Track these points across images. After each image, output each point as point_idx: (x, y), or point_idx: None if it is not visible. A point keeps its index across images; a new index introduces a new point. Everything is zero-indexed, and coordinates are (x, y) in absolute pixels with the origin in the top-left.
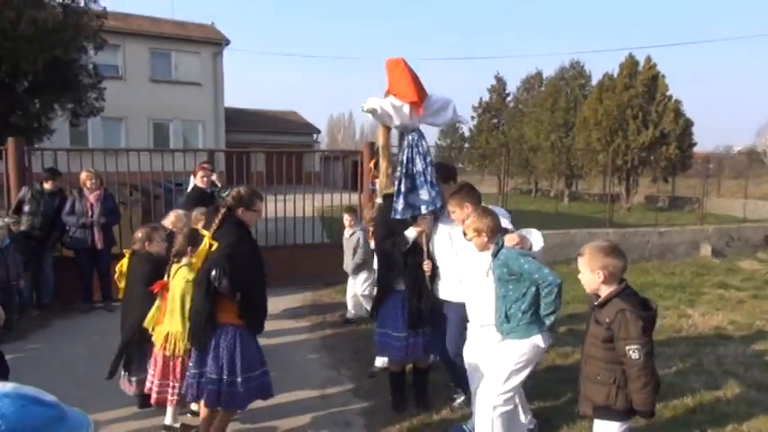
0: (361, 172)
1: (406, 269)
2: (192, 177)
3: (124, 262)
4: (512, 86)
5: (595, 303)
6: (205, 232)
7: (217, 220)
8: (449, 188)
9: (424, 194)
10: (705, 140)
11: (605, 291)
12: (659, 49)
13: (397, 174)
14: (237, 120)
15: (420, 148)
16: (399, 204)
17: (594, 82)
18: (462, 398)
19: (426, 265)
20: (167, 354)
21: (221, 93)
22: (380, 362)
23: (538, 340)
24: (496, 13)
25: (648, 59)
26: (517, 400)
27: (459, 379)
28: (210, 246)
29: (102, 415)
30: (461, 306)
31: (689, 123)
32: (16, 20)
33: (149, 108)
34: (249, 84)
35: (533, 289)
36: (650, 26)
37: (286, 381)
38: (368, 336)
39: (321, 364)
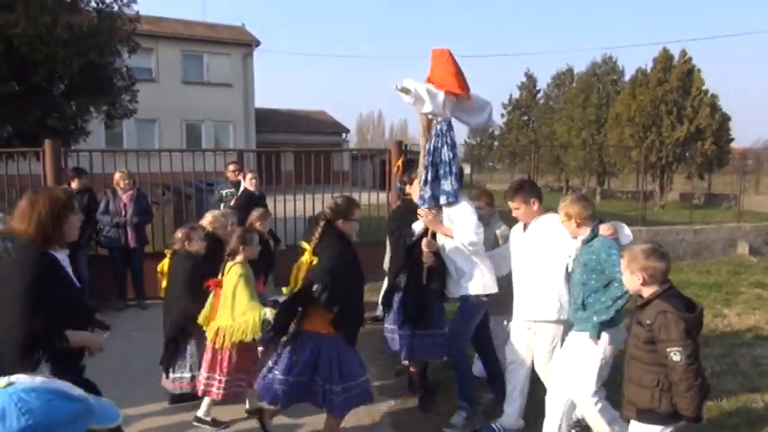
0: (389, 171)
1: (408, 263)
2: (240, 179)
3: (165, 262)
4: (542, 83)
5: (638, 305)
6: (306, 245)
7: (317, 233)
8: None
9: (446, 185)
10: (745, 135)
11: (647, 292)
12: (695, 44)
13: (424, 162)
14: (268, 120)
15: (447, 138)
16: (426, 192)
17: (627, 77)
18: (464, 414)
19: (426, 258)
20: (216, 347)
21: (252, 93)
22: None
23: (605, 337)
24: (527, 7)
25: (684, 53)
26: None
27: (466, 389)
28: (311, 261)
29: (134, 410)
30: (483, 304)
31: (726, 118)
32: (52, 24)
33: (181, 109)
34: (279, 84)
35: (616, 283)
36: (686, 19)
37: None
38: None
39: None
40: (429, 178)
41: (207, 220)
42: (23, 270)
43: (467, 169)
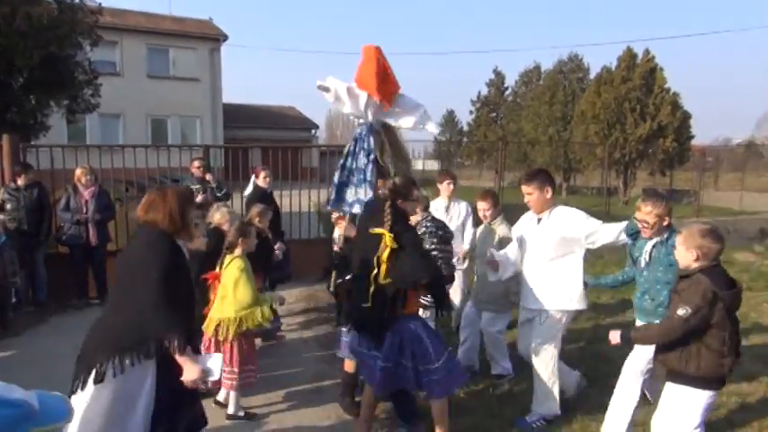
0: None
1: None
2: (252, 177)
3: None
4: (510, 80)
5: (679, 275)
6: (382, 231)
7: (388, 216)
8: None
9: (360, 193)
10: (705, 133)
11: (695, 267)
12: (658, 43)
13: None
14: (236, 115)
15: (365, 144)
16: (332, 195)
17: (593, 75)
18: None
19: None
20: (220, 339)
21: (219, 88)
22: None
23: None
24: (496, 5)
25: (647, 52)
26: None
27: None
28: (392, 247)
29: None
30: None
31: (687, 116)
32: (11, 15)
33: (147, 104)
34: (248, 79)
35: None
36: (650, 19)
37: (280, 376)
38: None
39: (315, 358)
40: (337, 181)
41: (215, 217)
42: (160, 258)
43: (435, 165)
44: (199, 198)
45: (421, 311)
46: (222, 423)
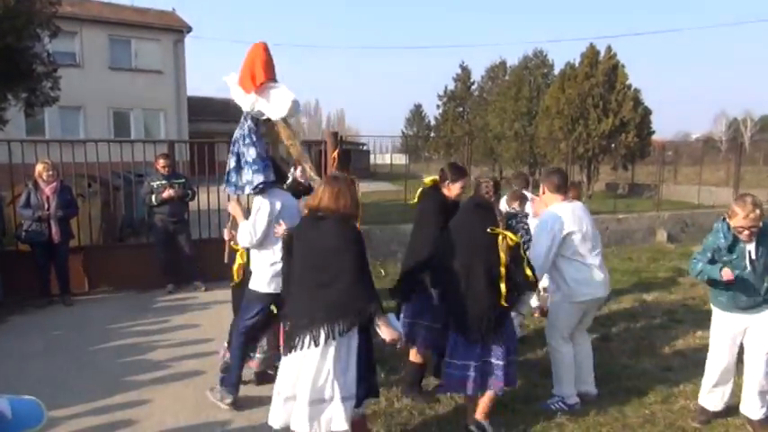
0: (326, 161)
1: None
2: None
3: (243, 251)
4: (476, 75)
5: None
6: (502, 231)
7: (501, 216)
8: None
9: (248, 176)
10: (666, 128)
11: None
12: (620, 40)
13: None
14: (201, 109)
15: (245, 130)
16: (231, 177)
17: (557, 71)
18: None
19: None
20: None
21: (183, 81)
22: None
23: None
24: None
25: (609, 49)
26: None
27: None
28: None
29: (60, 412)
30: None
31: (647, 112)
32: None
33: (109, 97)
34: (214, 72)
35: None
36: (612, 16)
37: (246, 373)
38: None
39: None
40: (231, 166)
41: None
42: (357, 241)
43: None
44: (165, 194)
45: None
46: None
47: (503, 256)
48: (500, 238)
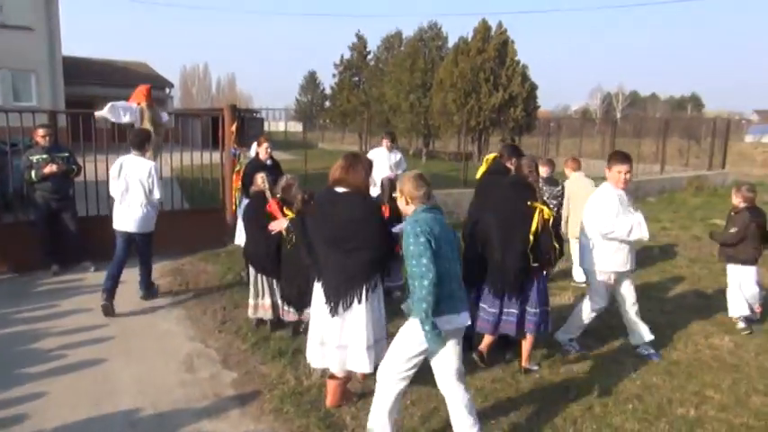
0: (223, 132)
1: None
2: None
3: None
4: (373, 45)
5: None
6: (539, 205)
7: (538, 194)
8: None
9: None
10: (547, 101)
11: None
12: (509, 17)
13: None
14: (78, 71)
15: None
16: None
17: (451, 45)
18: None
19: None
20: None
21: (58, 39)
22: None
23: None
24: None
25: (500, 25)
26: None
27: None
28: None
29: None
30: None
31: (534, 87)
32: None
33: None
34: (92, 31)
35: None
36: None
37: (149, 357)
38: (238, 302)
39: (186, 336)
40: None
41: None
42: (378, 210)
43: (298, 127)
44: (47, 169)
45: None
46: None
47: (535, 226)
48: (537, 211)
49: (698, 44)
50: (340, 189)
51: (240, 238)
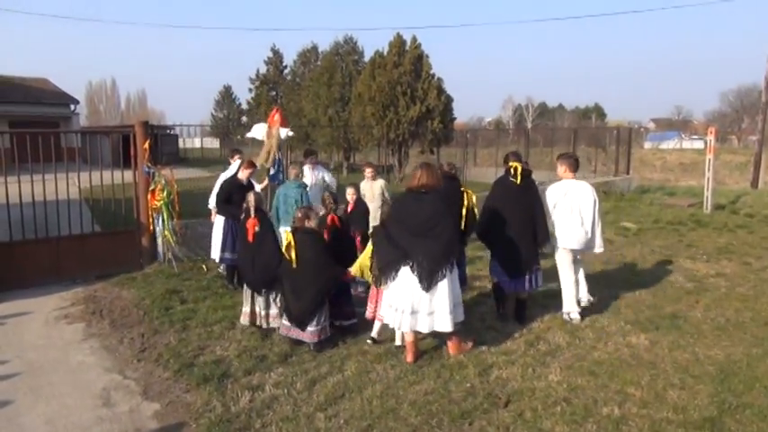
0: (135, 151)
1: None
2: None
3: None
4: (288, 60)
5: None
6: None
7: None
8: None
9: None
10: (462, 113)
11: None
12: (423, 31)
13: None
14: None
15: None
16: None
17: (367, 58)
18: None
19: None
20: (377, 288)
21: None
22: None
23: None
24: None
25: (414, 39)
26: None
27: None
28: None
29: None
30: None
31: (450, 99)
32: None
33: None
34: None
35: None
36: (418, 8)
37: (61, 394)
38: (157, 328)
39: (102, 368)
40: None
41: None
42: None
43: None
44: None
45: None
46: None
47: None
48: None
49: (598, 57)
50: (424, 190)
51: (216, 252)
